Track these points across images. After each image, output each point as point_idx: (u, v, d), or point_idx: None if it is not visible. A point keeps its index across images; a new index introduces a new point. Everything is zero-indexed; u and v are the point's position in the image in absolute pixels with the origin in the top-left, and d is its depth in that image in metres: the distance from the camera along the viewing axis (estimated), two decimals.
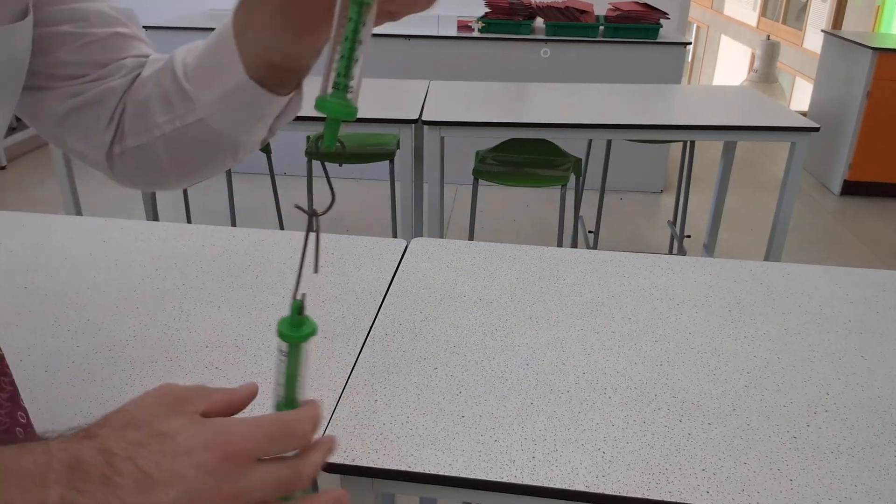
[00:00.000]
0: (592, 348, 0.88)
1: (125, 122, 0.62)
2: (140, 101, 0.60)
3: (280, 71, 0.54)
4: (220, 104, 0.56)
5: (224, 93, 0.55)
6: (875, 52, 3.63)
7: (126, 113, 0.61)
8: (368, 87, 2.66)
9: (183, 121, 0.58)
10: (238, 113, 0.57)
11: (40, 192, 3.68)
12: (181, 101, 0.58)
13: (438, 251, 1.12)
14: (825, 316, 0.97)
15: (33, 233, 1.15)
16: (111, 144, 0.62)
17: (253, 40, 0.53)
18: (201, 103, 0.57)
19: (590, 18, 3.59)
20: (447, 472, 0.68)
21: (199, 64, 0.57)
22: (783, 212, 2.35)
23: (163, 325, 0.90)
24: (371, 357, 0.85)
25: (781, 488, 0.67)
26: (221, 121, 0.58)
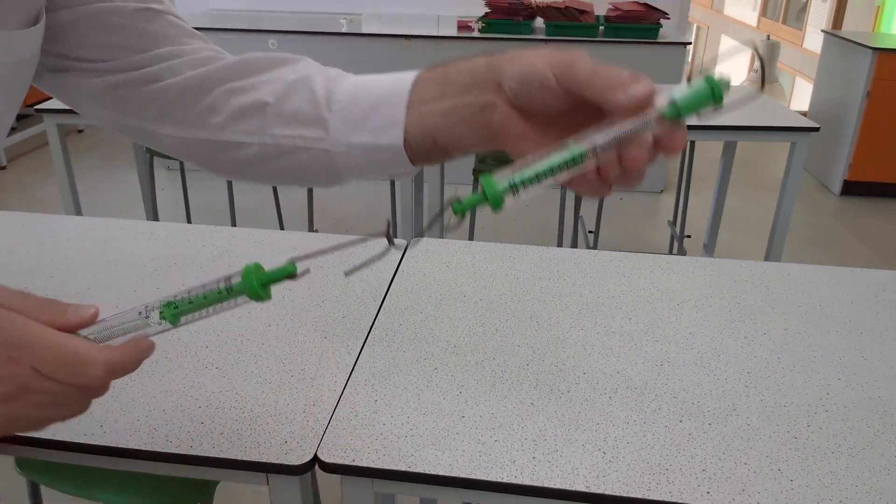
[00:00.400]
0: (592, 348, 0.88)
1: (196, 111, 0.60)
2: (247, 105, 0.58)
3: (436, 152, 0.54)
4: (357, 150, 0.56)
5: (370, 146, 0.55)
6: (875, 52, 3.63)
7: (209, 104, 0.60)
8: None
9: (307, 143, 0.57)
10: (368, 164, 0.57)
11: (40, 192, 3.68)
12: (314, 126, 0.57)
13: (438, 251, 1.12)
14: (825, 316, 0.96)
15: (33, 233, 1.15)
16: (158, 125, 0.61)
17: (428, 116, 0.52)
18: (338, 140, 0.56)
19: (590, 18, 3.59)
20: (447, 472, 0.68)
21: (353, 102, 0.56)
22: (783, 212, 2.35)
23: None
24: (371, 357, 0.85)
25: (781, 488, 0.67)
26: (348, 163, 0.57)
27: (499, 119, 0.50)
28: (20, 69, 0.54)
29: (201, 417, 0.74)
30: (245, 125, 0.59)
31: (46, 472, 1.05)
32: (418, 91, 0.53)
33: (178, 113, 0.60)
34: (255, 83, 0.59)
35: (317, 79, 0.58)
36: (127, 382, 0.79)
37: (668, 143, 0.45)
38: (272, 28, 3.66)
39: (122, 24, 0.58)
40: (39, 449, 0.72)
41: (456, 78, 0.52)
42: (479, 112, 0.50)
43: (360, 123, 0.55)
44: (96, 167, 4.04)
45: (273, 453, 0.69)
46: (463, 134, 0.51)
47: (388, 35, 3.62)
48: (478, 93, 0.51)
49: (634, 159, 0.44)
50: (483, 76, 0.51)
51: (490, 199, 0.44)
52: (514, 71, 0.49)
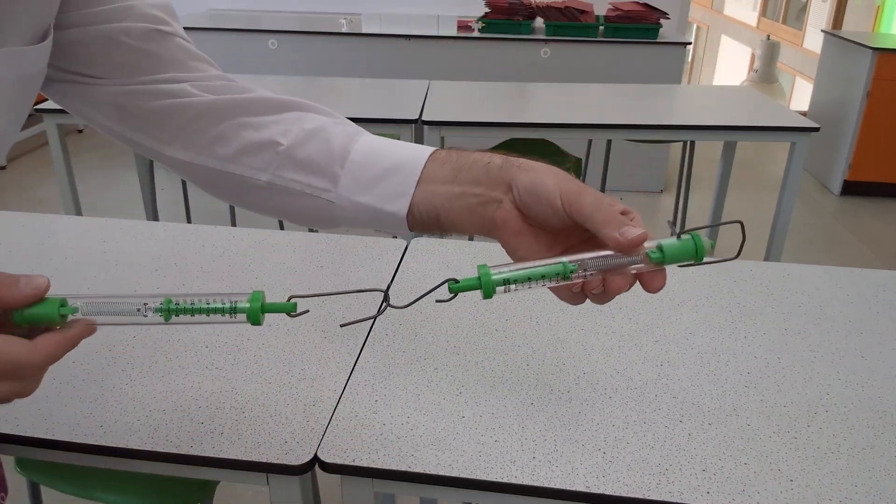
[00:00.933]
0: (592, 348, 0.88)
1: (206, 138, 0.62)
2: (259, 142, 0.61)
3: (436, 226, 0.58)
4: (361, 209, 0.59)
5: (374, 208, 0.58)
6: (875, 52, 3.63)
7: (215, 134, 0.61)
8: (368, 87, 2.66)
9: (315, 192, 0.60)
10: (367, 221, 0.60)
11: (40, 192, 3.68)
12: (324, 177, 0.60)
13: (438, 251, 1.12)
14: (825, 316, 0.97)
15: (33, 233, 1.15)
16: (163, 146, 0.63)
17: (438, 195, 0.56)
18: (344, 195, 0.59)
19: (590, 18, 3.59)
20: (447, 473, 0.68)
21: (366, 164, 0.59)
22: (783, 212, 2.35)
23: (163, 325, 0.90)
24: (371, 357, 0.85)
25: (781, 488, 0.67)
26: (348, 216, 0.60)
27: (501, 215, 0.55)
28: (26, 84, 0.54)
29: (201, 417, 0.74)
30: (254, 161, 0.61)
31: (46, 472, 1.05)
32: (432, 169, 0.57)
33: (185, 136, 0.62)
34: (269, 121, 0.61)
35: (334, 132, 0.61)
36: (127, 382, 0.79)
37: (648, 282, 0.51)
38: (272, 28, 3.66)
39: (130, 45, 0.59)
40: (39, 449, 0.72)
41: (471, 168, 0.56)
42: (485, 204, 0.55)
43: (370, 186, 0.58)
44: (96, 167, 4.04)
45: (273, 453, 0.69)
46: (465, 219, 0.56)
47: (388, 35, 3.62)
48: (488, 187, 0.55)
49: (616, 286, 0.50)
50: (496, 174, 0.55)
51: (483, 287, 0.49)
52: (525, 180, 0.53)
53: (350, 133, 0.61)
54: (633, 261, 0.50)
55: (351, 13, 4.09)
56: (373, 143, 0.60)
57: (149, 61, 0.60)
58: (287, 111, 0.62)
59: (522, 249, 0.55)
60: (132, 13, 0.59)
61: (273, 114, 0.62)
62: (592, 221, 0.50)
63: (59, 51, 0.58)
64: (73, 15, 0.57)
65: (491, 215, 0.55)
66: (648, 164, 3.81)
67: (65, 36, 0.57)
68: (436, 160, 0.58)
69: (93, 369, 0.82)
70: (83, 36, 0.58)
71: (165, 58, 0.61)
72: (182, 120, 0.61)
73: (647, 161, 3.78)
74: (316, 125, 0.61)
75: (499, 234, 0.56)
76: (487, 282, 0.49)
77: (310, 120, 0.62)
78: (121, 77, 0.60)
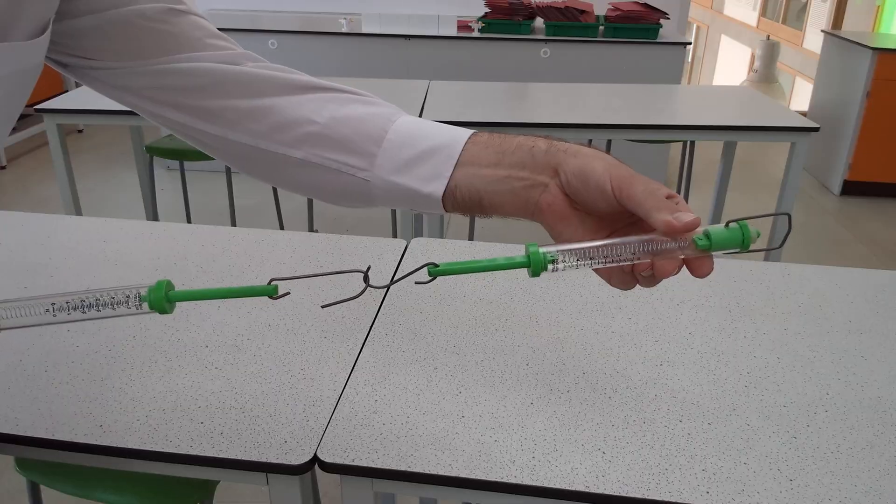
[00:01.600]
0: (592, 348, 0.88)
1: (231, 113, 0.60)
2: (294, 120, 0.60)
3: (477, 208, 0.57)
4: (397, 189, 0.59)
5: (410, 189, 0.58)
6: (875, 52, 3.63)
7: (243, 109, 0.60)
8: (368, 87, 2.65)
9: (350, 170, 0.60)
10: (402, 201, 0.60)
11: (40, 192, 3.68)
12: (360, 157, 0.59)
13: (438, 251, 1.12)
14: (825, 316, 0.97)
15: (33, 233, 1.15)
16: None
17: (481, 178, 0.56)
18: (380, 175, 0.59)
19: (590, 18, 3.59)
20: (447, 472, 0.68)
21: (404, 145, 0.58)
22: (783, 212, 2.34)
23: (162, 325, 0.90)
24: (371, 357, 0.85)
25: (781, 488, 0.67)
26: (384, 196, 0.60)
27: (547, 199, 0.54)
28: (23, 79, 0.54)
29: (201, 417, 0.74)
30: (288, 137, 0.60)
31: (46, 472, 1.05)
32: (472, 152, 0.57)
33: (217, 113, 0.60)
34: (303, 99, 0.61)
35: (371, 112, 0.60)
36: (127, 382, 0.79)
37: (696, 267, 0.51)
38: (272, 28, 3.66)
39: (146, 26, 0.58)
40: (39, 449, 0.72)
41: (515, 152, 0.56)
42: (530, 188, 0.55)
43: (406, 167, 0.58)
44: (96, 167, 4.04)
45: (273, 453, 0.69)
46: (510, 202, 0.56)
47: (388, 35, 3.62)
48: (533, 171, 0.55)
49: (665, 270, 0.50)
50: (542, 158, 0.55)
51: (535, 263, 0.50)
52: (574, 165, 0.53)
53: (387, 113, 0.61)
54: (680, 245, 0.50)
55: (351, 13, 4.09)
56: (411, 124, 0.60)
57: (166, 41, 0.59)
58: (321, 91, 0.62)
59: (568, 233, 0.55)
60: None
61: (307, 93, 0.61)
62: (644, 207, 0.50)
63: (74, 40, 0.57)
64: (83, 2, 0.56)
65: (536, 199, 0.55)
66: (648, 164, 3.81)
67: (78, 24, 0.57)
68: (477, 143, 0.57)
69: (93, 369, 0.82)
70: (97, 22, 0.57)
71: (182, 36, 0.60)
72: (212, 96, 0.60)
73: (647, 161, 3.78)
74: (352, 105, 0.61)
75: (544, 218, 0.55)
76: (536, 260, 0.50)
77: (345, 100, 0.61)
78: (141, 59, 0.59)
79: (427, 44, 3.60)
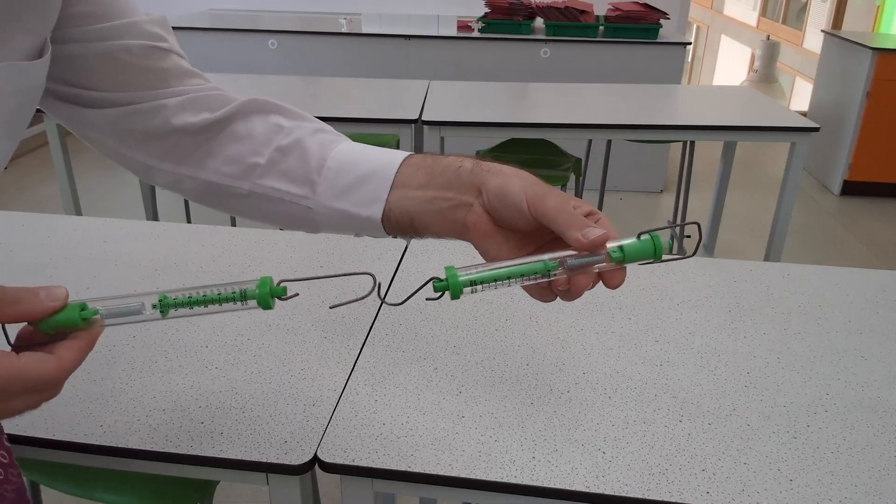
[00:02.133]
0: (592, 348, 0.88)
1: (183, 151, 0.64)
2: (242, 154, 0.63)
3: (410, 230, 0.60)
4: (338, 214, 0.61)
5: (350, 213, 0.60)
6: (875, 52, 3.63)
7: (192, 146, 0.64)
8: (368, 87, 2.66)
9: (293, 199, 0.62)
10: (346, 226, 0.62)
11: (40, 192, 3.68)
12: (302, 185, 0.62)
13: (438, 251, 1.12)
14: (825, 316, 0.97)
15: (33, 233, 1.15)
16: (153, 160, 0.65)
17: (411, 200, 0.58)
18: (321, 202, 0.61)
19: (590, 18, 3.59)
20: (447, 472, 0.68)
21: (341, 171, 0.61)
22: (783, 212, 2.35)
23: (163, 325, 0.90)
24: (371, 357, 0.85)
25: (781, 488, 0.67)
26: (327, 221, 0.63)
27: (472, 218, 0.56)
28: (24, 100, 0.54)
29: (201, 417, 0.74)
30: (236, 172, 0.63)
31: (46, 472, 1.05)
32: (405, 174, 0.59)
33: (175, 153, 0.64)
34: (252, 132, 0.63)
35: (312, 141, 0.63)
36: (127, 382, 0.79)
37: (609, 279, 0.53)
38: (272, 28, 3.66)
39: (130, 62, 0.61)
40: (39, 449, 0.72)
41: (442, 173, 0.58)
42: (455, 208, 0.57)
43: (345, 193, 0.60)
44: (96, 167, 4.04)
45: (273, 453, 0.70)
46: (438, 222, 0.58)
47: (388, 35, 3.62)
48: (458, 192, 0.57)
49: (580, 285, 0.52)
50: (466, 178, 0.57)
51: (454, 287, 0.52)
52: (493, 184, 0.55)
53: (326, 141, 0.63)
54: (595, 260, 0.52)
55: (351, 13, 4.09)
56: (348, 151, 0.62)
57: (146, 78, 0.62)
58: (271, 114, 0.65)
59: (493, 251, 0.57)
60: (132, 31, 0.60)
61: (255, 122, 0.64)
62: (556, 224, 0.52)
63: (58, 65, 0.59)
64: (74, 31, 0.58)
65: (462, 219, 0.57)
66: (648, 164, 3.81)
67: (65, 50, 0.59)
68: (409, 165, 0.60)
69: (93, 369, 0.82)
70: (84, 52, 0.59)
71: (162, 75, 0.63)
72: (174, 138, 0.63)
73: (647, 161, 3.78)
74: (295, 135, 0.63)
75: (470, 237, 0.57)
76: (455, 283, 0.52)
77: (290, 130, 0.64)
78: (118, 92, 0.61)
79: (427, 44, 3.61)
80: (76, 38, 0.58)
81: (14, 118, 0.54)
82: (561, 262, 0.52)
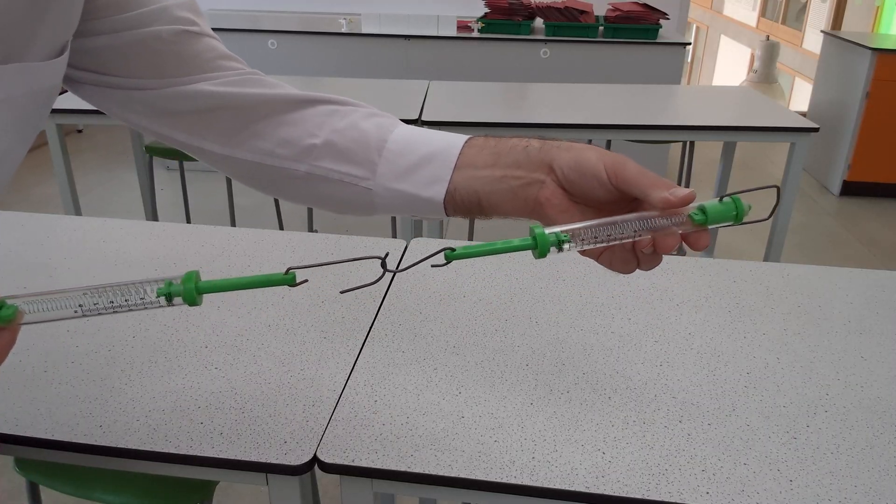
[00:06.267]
0: (592, 348, 0.88)
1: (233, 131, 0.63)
2: (296, 136, 0.62)
3: (476, 210, 0.59)
4: (398, 195, 0.60)
5: (411, 195, 0.60)
6: (874, 52, 3.63)
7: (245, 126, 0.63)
8: (368, 87, 2.66)
9: (353, 180, 0.61)
10: (404, 208, 0.61)
11: (40, 192, 3.68)
12: (362, 166, 0.61)
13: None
14: (825, 316, 0.97)
15: (33, 233, 1.15)
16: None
17: (479, 180, 0.57)
18: (381, 183, 0.61)
19: (589, 18, 3.59)
20: (447, 473, 0.68)
21: (403, 152, 0.60)
22: (783, 212, 2.35)
23: (162, 325, 0.90)
24: (371, 357, 0.85)
25: (781, 488, 0.67)
26: (386, 203, 0.62)
27: (545, 194, 0.56)
28: (39, 100, 0.54)
29: (200, 417, 0.74)
30: (291, 153, 0.62)
31: (46, 472, 1.05)
32: (468, 155, 0.58)
33: (222, 133, 0.63)
34: (305, 115, 0.63)
35: (370, 123, 0.62)
36: (126, 383, 0.79)
37: (694, 241, 0.52)
38: (272, 28, 3.66)
39: (162, 49, 0.60)
40: (39, 449, 0.72)
41: (510, 153, 0.57)
42: (527, 185, 0.56)
43: (407, 173, 0.60)
44: (96, 167, 4.04)
45: (273, 453, 0.69)
46: (508, 201, 0.57)
47: (387, 35, 3.62)
48: (528, 170, 0.56)
49: (666, 245, 0.52)
50: (536, 156, 0.56)
51: (542, 244, 0.50)
52: (567, 158, 0.55)
53: (386, 123, 0.63)
54: (678, 221, 0.52)
55: (351, 13, 4.09)
56: (409, 132, 0.62)
57: (181, 63, 0.61)
58: (321, 104, 0.64)
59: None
60: (163, 16, 0.59)
61: (307, 108, 0.63)
62: (639, 186, 0.52)
63: (90, 56, 0.58)
64: (103, 22, 0.57)
65: (534, 196, 0.56)
66: (648, 164, 3.75)
67: (96, 42, 0.58)
68: (473, 146, 0.59)
69: (93, 369, 0.82)
70: (115, 42, 0.58)
71: (197, 59, 0.62)
72: (219, 118, 0.62)
73: (647, 161, 3.76)
74: (351, 116, 0.63)
75: (544, 213, 0.56)
76: (543, 240, 0.50)
77: (344, 112, 0.63)
78: (153, 79, 0.60)
79: (427, 44, 3.60)
80: (106, 29, 0.57)
81: (27, 120, 0.54)
82: (644, 224, 0.51)
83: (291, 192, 0.65)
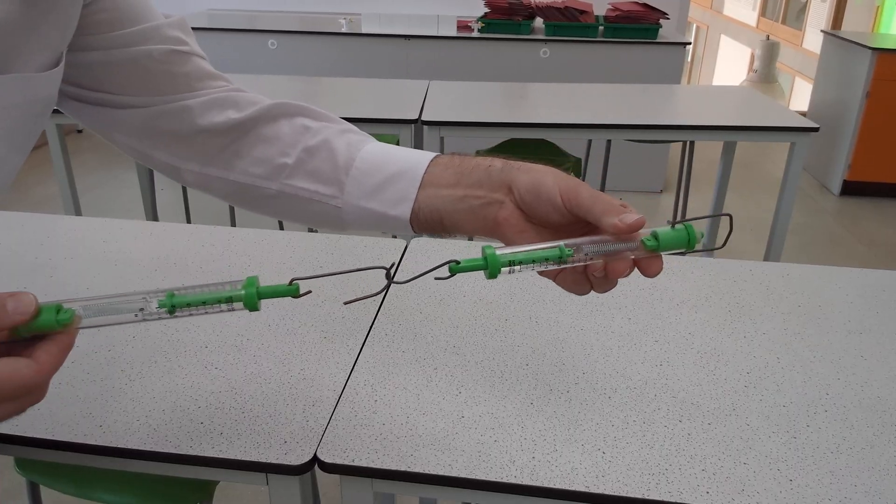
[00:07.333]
0: (592, 348, 0.88)
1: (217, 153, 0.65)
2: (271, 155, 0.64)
3: (439, 228, 0.60)
4: (367, 213, 0.62)
5: (379, 213, 0.61)
6: (874, 52, 3.63)
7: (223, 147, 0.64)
8: (368, 87, 2.66)
9: (322, 198, 0.63)
10: (373, 224, 0.63)
11: (40, 192, 3.68)
12: (330, 185, 0.63)
13: (438, 251, 1.12)
14: (825, 316, 0.97)
15: (33, 233, 1.15)
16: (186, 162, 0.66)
17: (441, 198, 0.59)
18: (350, 202, 0.62)
19: (589, 18, 3.59)
20: (447, 473, 0.68)
21: (370, 171, 0.62)
22: (783, 212, 2.35)
23: (162, 325, 0.90)
24: (371, 357, 0.85)
25: (781, 488, 0.67)
26: (355, 220, 0.63)
27: (503, 214, 0.57)
28: (35, 110, 0.54)
29: (201, 417, 0.74)
30: (264, 172, 0.64)
31: (46, 472, 1.05)
32: (433, 174, 0.60)
33: (202, 154, 0.65)
34: (279, 134, 0.64)
35: (339, 142, 0.64)
36: (126, 383, 0.79)
37: (645, 267, 0.53)
38: (272, 28, 3.66)
39: (153, 67, 0.61)
40: (39, 449, 0.72)
41: (472, 172, 0.59)
42: (487, 205, 0.58)
43: (374, 193, 0.61)
44: (96, 167, 4.04)
45: (273, 453, 0.69)
46: (468, 220, 0.59)
47: (387, 35, 3.62)
48: (489, 190, 0.58)
49: (617, 270, 0.52)
50: (497, 177, 0.58)
51: (490, 267, 0.52)
52: (525, 180, 0.56)
53: (354, 141, 0.64)
54: (629, 247, 0.52)
55: (351, 13, 4.09)
56: (376, 151, 0.63)
57: (169, 82, 0.62)
58: (297, 116, 0.65)
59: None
60: (154, 36, 0.61)
61: (281, 124, 0.65)
62: (592, 212, 0.53)
63: (81, 71, 0.59)
64: (96, 38, 0.58)
65: (493, 215, 0.57)
66: (648, 164, 3.81)
67: (88, 58, 0.59)
68: (438, 165, 0.60)
69: (93, 369, 0.82)
70: (106, 58, 0.59)
71: (186, 78, 0.63)
72: (199, 139, 0.64)
73: (646, 161, 3.78)
74: (323, 135, 0.64)
75: (502, 233, 0.58)
76: (494, 262, 0.52)
77: (317, 130, 0.64)
78: (142, 96, 0.62)
79: (427, 44, 3.61)
80: (98, 45, 0.58)
81: (23, 130, 0.54)
82: (593, 249, 0.52)
83: (266, 209, 0.67)
